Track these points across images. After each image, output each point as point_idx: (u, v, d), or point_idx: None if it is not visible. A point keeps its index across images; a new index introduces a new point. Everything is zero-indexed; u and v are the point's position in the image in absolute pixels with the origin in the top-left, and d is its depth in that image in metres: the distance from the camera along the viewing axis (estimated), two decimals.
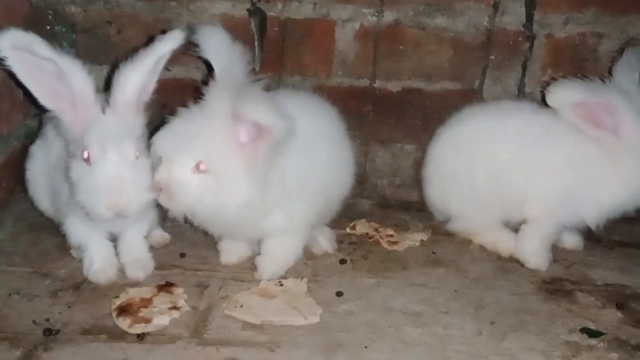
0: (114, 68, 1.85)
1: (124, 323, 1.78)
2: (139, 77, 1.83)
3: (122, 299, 1.87)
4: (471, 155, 2.27)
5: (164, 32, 1.90)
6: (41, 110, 1.86)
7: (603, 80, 2.13)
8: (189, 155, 1.81)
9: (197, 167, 1.81)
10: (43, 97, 1.79)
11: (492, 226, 2.32)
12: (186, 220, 1.91)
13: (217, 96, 1.81)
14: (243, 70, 1.87)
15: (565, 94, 2.13)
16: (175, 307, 1.86)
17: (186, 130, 1.82)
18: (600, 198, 2.16)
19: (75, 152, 1.81)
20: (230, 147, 1.79)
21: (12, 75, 1.77)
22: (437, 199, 2.40)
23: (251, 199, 1.83)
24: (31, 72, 1.76)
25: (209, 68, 1.91)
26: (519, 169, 2.20)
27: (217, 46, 1.89)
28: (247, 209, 1.85)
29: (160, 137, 1.85)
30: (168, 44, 1.87)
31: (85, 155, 1.78)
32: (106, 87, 1.89)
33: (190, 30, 1.94)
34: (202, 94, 1.85)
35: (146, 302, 1.86)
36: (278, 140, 1.76)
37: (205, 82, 1.91)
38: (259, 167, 1.81)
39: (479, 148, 2.25)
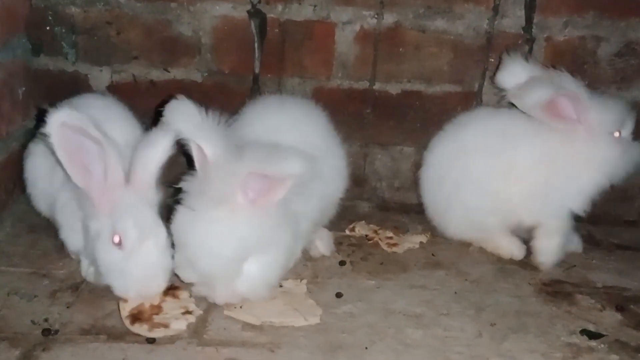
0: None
1: (141, 329, 1.76)
2: (159, 156, 1.80)
3: (132, 304, 1.83)
4: (453, 176, 2.29)
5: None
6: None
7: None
8: (226, 267, 1.78)
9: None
10: (75, 175, 1.77)
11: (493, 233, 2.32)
12: None
13: (220, 178, 1.73)
14: (223, 136, 1.77)
15: (536, 96, 2.15)
16: (188, 312, 1.84)
17: (204, 241, 1.74)
18: (579, 184, 2.20)
19: (99, 231, 1.80)
20: (249, 219, 1.75)
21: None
22: (435, 218, 2.40)
23: (294, 240, 1.89)
24: (70, 150, 1.74)
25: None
26: (494, 179, 2.22)
27: (189, 121, 1.76)
28: (296, 251, 1.94)
29: (186, 268, 1.81)
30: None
31: (117, 240, 1.77)
32: None
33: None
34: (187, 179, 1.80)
35: (156, 310, 1.83)
36: (300, 183, 1.75)
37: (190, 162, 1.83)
38: (281, 212, 1.80)
39: (457, 168, 2.28)
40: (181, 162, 2.11)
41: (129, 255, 1.77)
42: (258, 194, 1.74)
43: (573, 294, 2.10)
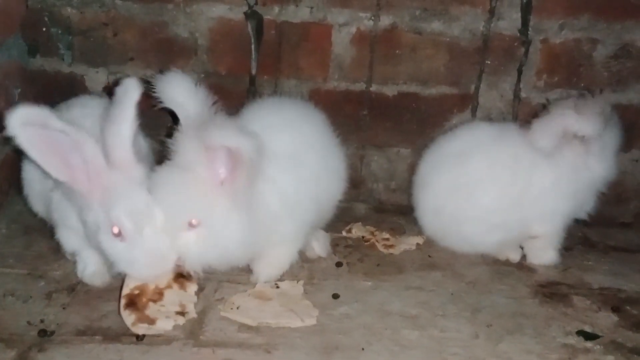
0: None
1: (128, 318, 1.76)
2: (129, 130, 1.79)
3: (137, 282, 1.83)
4: (454, 209, 2.26)
5: (116, 84, 1.88)
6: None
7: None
8: (178, 220, 1.80)
9: (189, 224, 1.80)
10: (55, 171, 1.76)
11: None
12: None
13: (186, 146, 1.77)
14: (209, 114, 1.82)
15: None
16: (181, 313, 1.83)
17: (166, 194, 1.80)
18: (590, 192, 2.26)
19: (97, 223, 1.79)
20: (213, 191, 1.78)
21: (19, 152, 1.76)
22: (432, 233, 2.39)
23: (246, 232, 1.83)
24: (41, 147, 1.72)
25: (173, 116, 1.87)
26: (507, 206, 2.21)
27: (180, 94, 1.83)
28: (245, 244, 1.85)
29: None
30: (135, 92, 1.83)
31: (116, 230, 1.76)
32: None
33: (145, 81, 1.87)
34: (169, 146, 1.82)
35: (157, 296, 1.83)
36: (250, 162, 1.75)
37: (171, 133, 1.86)
38: (243, 199, 1.80)
39: (458, 201, 2.25)
40: None
41: (132, 246, 1.77)
42: (226, 172, 1.77)
43: (569, 295, 2.10)
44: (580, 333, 1.89)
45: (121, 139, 1.79)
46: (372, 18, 2.45)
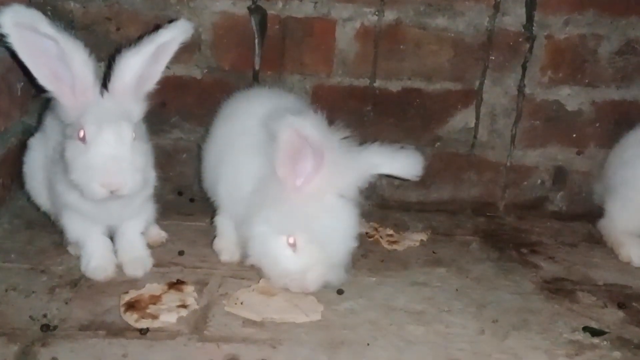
0: (113, 57, 1.85)
1: (130, 318, 1.75)
2: (138, 63, 1.82)
3: (132, 295, 1.85)
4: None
5: (170, 21, 1.89)
6: (40, 91, 1.83)
7: None
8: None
9: None
10: (43, 79, 1.77)
11: None
12: None
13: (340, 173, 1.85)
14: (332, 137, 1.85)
15: None
16: (183, 306, 1.83)
17: (341, 228, 1.91)
18: None
19: (71, 134, 1.79)
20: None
21: (14, 56, 1.76)
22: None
23: None
24: (32, 52, 1.73)
25: None
26: None
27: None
28: None
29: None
30: (171, 33, 1.86)
31: (81, 134, 1.75)
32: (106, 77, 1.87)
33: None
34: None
35: (155, 299, 1.84)
36: None
37: None
38: None
39: None
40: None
41: (89, 146, 1.75)
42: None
43: (574, 291, 2.09)
44: (587, 329, 1.87)
45: (127, 69, 1.81)
46: (376, 13, 2.44)
